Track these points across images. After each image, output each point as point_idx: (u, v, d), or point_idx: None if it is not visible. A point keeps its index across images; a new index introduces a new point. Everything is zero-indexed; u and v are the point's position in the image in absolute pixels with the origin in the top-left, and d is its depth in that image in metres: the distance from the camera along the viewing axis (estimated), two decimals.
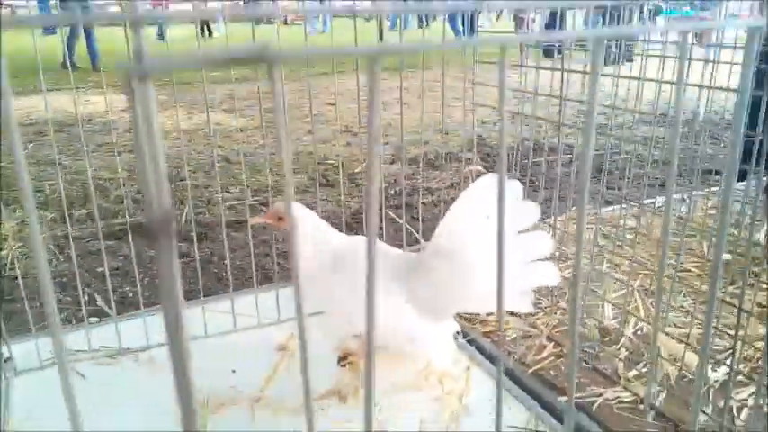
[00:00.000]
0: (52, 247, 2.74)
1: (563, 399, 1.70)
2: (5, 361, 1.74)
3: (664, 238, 0.67)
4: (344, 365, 1.84)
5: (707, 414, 1.58)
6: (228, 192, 3.63)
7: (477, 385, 1.76)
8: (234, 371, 1.80)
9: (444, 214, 1.71)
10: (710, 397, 1.68)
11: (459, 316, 2.10)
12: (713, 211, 2.75)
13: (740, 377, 1.72)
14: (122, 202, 3.36)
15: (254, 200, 3.52)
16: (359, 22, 1.96)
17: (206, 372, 1.79)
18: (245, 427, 1.59)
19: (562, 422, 1.61)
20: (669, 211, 0.65)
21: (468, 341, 1.97)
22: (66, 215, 1.89)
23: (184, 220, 2.90)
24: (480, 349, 1.92)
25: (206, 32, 14.91)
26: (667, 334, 1.86)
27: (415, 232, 2.48)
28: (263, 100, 1.98)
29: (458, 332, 1.98)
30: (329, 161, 4.49)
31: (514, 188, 1.69)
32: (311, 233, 1.77)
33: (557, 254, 2.24)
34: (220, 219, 2.80)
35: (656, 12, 8.73)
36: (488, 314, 2.13)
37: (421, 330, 1.75)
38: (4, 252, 2.61)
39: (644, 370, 1.79)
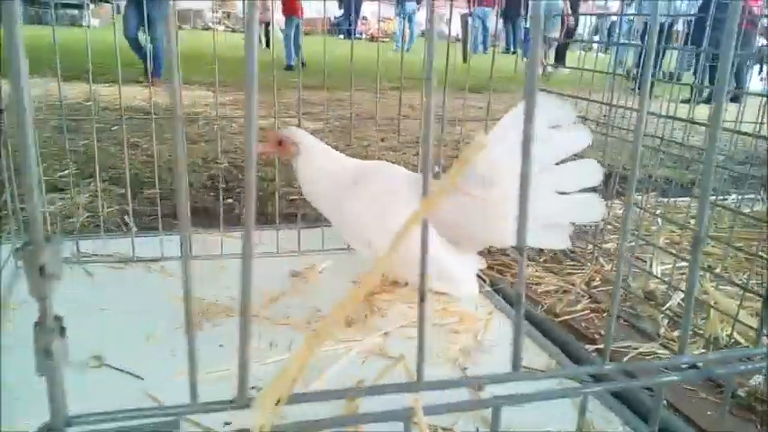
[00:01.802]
0: (118, 220, 2.76)
1: (591, 347, 1.52)
2: (17, 250, 1.72)
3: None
4: None
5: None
6: (293, 186, 3.60)
7: (498, 330, 1.60)
8: None
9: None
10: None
11: (489, 267, 1.94)
12: None
13: None
14: (192, 185, 3.40)
15: None
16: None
17: (212, 285, 1.75)
18: (238, 336, 1.49)
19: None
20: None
21: (496, 290, 1.81)
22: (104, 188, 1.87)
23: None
24: (507, 298, 1.76)
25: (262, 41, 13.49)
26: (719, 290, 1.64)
27: None
28: (336, 107, 1.93)
29: (485, 280, 1.84)
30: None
31: (565, 112, 1.54)
32: (322, 155, 1.69)
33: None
34: (281, 211, 2.79)
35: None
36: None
37: (446, 261, 1.62)
38: (72, 219, 2.65)
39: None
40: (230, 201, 3.08)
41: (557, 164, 1.51)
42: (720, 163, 2.82)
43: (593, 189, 1.55)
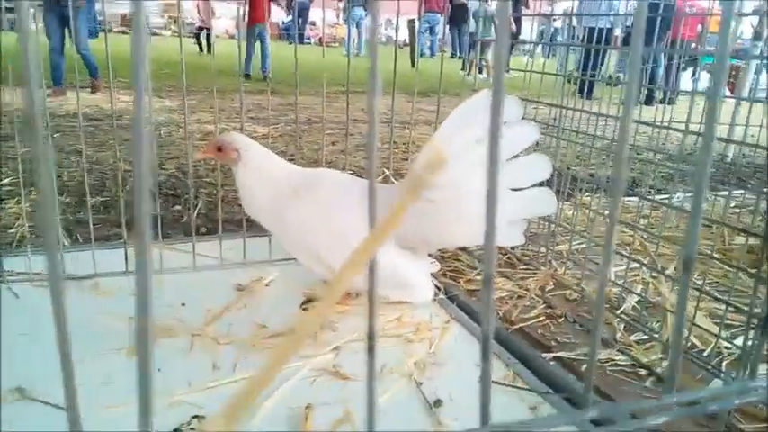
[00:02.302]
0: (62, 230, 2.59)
1: (548, 355, 1.48)
2: None
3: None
4: (306, 309, 1.65)
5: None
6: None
7: (454, 340, 1.55)
8: (183, 304, 1.62)
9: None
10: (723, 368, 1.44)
11: (443, 273, 1.89)
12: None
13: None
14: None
15: None
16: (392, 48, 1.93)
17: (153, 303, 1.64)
18: (178, 358, 1.39)
19: (542, 379, 1.39)
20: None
21: (450, 298, 1.76)
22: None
23: (196, 214, 2.76)
24: (462, 306, 1.71)
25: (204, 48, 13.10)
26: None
27: None
28: (287, 111, 1.86)
29: (439, 288, 1.78)
30: (347, 171, 4.24)
31: (512, 106, 1.51)
32: (263, 162, 1.61)
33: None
34: (231, 217, 2.71)
35: (693, 59, 8.50)
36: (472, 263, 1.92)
37: (400, 266, 1.56)
38: (12, 230, 2.51)
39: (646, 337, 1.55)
40: (178, 208, 2.95)
41: (507, 160, 1.49)
42: (661, 161, 2.86)
43: (543, 183, 1.54)
